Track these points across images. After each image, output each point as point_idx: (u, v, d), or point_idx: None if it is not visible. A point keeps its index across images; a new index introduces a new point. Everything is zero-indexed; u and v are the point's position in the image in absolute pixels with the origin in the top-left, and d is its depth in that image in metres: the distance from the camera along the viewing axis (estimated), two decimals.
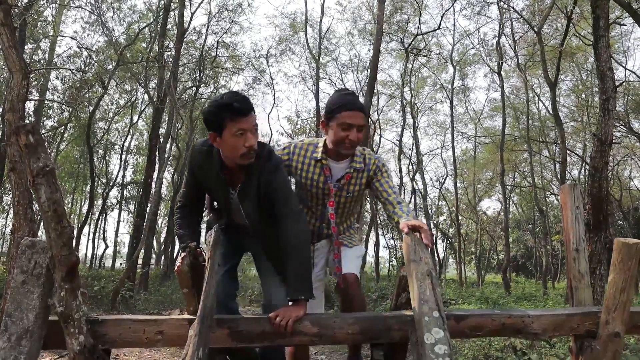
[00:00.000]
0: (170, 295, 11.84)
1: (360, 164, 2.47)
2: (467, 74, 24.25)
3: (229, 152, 2.08)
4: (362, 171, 2.48)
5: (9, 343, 1.69)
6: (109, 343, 1.86)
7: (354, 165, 2.46)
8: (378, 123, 22.65)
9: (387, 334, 1.93)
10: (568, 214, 2.24)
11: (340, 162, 2.48)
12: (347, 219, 2.62)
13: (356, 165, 2.46)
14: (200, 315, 1.68)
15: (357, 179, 2.48)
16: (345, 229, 2.61)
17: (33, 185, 1.67)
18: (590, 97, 19.62)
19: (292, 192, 2.22)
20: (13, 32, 4.88)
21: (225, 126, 2.01)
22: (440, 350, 1.62)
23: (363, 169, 2.48)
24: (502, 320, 1.97)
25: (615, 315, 1.95)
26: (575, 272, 2.18)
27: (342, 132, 2.33)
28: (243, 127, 2.02)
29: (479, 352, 4.97)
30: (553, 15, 15.67)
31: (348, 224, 2.64)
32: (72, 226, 1.77)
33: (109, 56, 17.53)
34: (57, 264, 1.71)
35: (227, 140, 2.04)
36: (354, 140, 2.35)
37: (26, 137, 1.62)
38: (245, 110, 2.03)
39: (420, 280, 1.82)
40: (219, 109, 2.02)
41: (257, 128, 2.10)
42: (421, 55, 19.98)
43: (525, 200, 27.91)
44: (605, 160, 6.05)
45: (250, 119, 2.05)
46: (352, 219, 2.68)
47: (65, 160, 23.13)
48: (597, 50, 5.99)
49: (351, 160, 2.47)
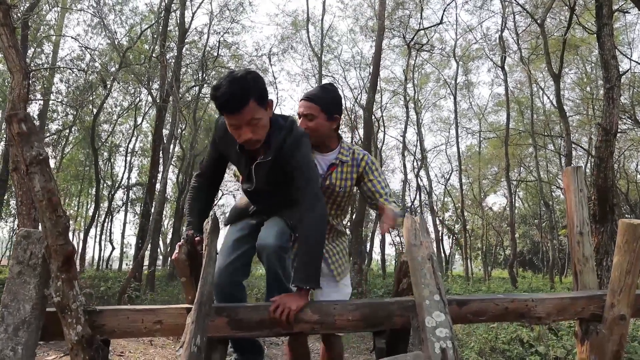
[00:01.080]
0: (177, 295, 11.86)
1: (347, 157, 2.44)
2: (471, 69, 24.18)
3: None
4: (348, 165, 2.43)
5: (6, 334, 1.68)
6: (107, 333, 1.84)
7: (340, 157, 2.42)
8: (382, 120, 22.61)
9: (389, 321, 1.90)
10: (571, 197, 2.21)
11: (326, 154, 2.45)
12: (334, 217, 2.52)
13: (342, 157, 2.42)
14: (197, 302, 1.66)
15: (345, 173, 2.43)
16: (333, 237, 2.51)
17: (27, 174, 1.65)
18: (595, 90, 19.51)
19: (313, 172, 2.04)
20: (13, 32, 4.88)
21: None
22: (441, 334, 1.60)
23: (349, 162, 2.44)
24: (506, 305, 1.94)
25: (620, 298, 1.92)
26: (580, 255, 2.15)
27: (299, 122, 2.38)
28: (232, 122, 1.92)
29: (485, 345, 4.94)
30: (556, 7, 15.56)
31: (337, 221, 2.54)
32: (68, 215, 1.75)
33: (112, 58, 17.59)
34: (53, 253, 1.69)
35: (229, 127, 1.98)
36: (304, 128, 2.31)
37: (18, 126, 1.60)
38: (228, 110, 1.89)
39: (420, 264, 1.79)
40: (211, 99, 1.95)
41: (258, 119, 1.92)
42: (424, 50, 19.91)
43: (531, 194, 27.79)
44: (611, 150, 6.00)
45: (240, 116, 1.88)
46: (339, 220, 2.57)
47: (70, 163, 23.24)
48: (600, 38, 5.95)
49: (338, 152, 2.45)
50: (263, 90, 1.94)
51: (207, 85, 17.00)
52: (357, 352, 5.71)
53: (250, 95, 1.88)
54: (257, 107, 1.91)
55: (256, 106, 1.91)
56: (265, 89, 1.96)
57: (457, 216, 26.11)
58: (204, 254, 1.83)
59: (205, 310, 1.69)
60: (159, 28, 14.21)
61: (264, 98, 1.95)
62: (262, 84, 1.94)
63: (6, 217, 22.39)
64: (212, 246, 1.86)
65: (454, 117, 22.06)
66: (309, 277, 1.91)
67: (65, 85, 17.70)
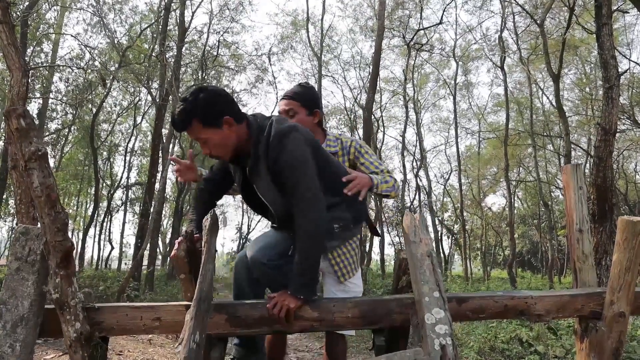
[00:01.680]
0: (176, 294, 11.85)
1: (334, 147, 2.46)
2: (470, 70, 24.21)
3: None
4: (338, 155, 2.45)
5: (4, 331, 1.68)
6: (106, 330, 1.84)
7: (328, 150, 2.40)
8: (381, 120, 22.61)
9: (388, 318, 1.89)
10: (571, 195, 2.20)
11: None
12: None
13: (330, 150, 2.43)
14: (197, 299, 1.65)
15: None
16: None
17: (25, 170, 1.65)
18: (594, 91, 19.52)
19: (301, 171, 1.89)
20: (12, 29, 4.87)
21: None
22: (441, 330, 1.59)
23: (339, 152, 2.46)
24: (505, 302, 1.93)
25: (620, 295, 1.91)
26: (579, 253, 2.14)
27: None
28: (191, 137, 2.01)
29: (484, 345, 4.94)
30: (556, 8, 15.57)
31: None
32: (67, 212, 1.74)
33: (112, 57, 17.59)
34: (51, 250, 1.69)
35: None
36: None
37: (17, 121, 1.60)
38: (176, 129, 1.99)
39: (420, 261, 1.79)
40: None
41: (204, 139, 1.92)
42: (423, 50, 19.93)
43: (530, 195, 27.79)
44: (610, 150, 6.00)
45: (190, 134, 1.94)
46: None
47: (69, 163, 23.22)
48: (599, 38, 5.94)
49: (325, 146, 2.44)
50: (210, 110, 1.90)
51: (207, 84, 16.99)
52: (356, 352, 5.71)
53: (192, 117, 1.88)
54: (201, 127, 1.90)
55: (200, 127, 1.90)
56: (214, 110, 1.90)
57: (456, 216, 26.12)
58: (203, 250, 1.83)
59: (204, 307, 1.69)
60: (159, 27, 14.21)
61: (212, 117, 1.90)
62: (212, 104, 1.90)
63: (5, 217, 22.34)
64: (211, 243, 1.85)
65: (454, 117, 22.07)
66: (301, 288, 1.86)
67: (64, 84, 17.69)
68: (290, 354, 5.58)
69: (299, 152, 1.91)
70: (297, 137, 1.93)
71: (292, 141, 1.91)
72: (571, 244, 2.20)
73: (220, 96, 1.94)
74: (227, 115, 1.92)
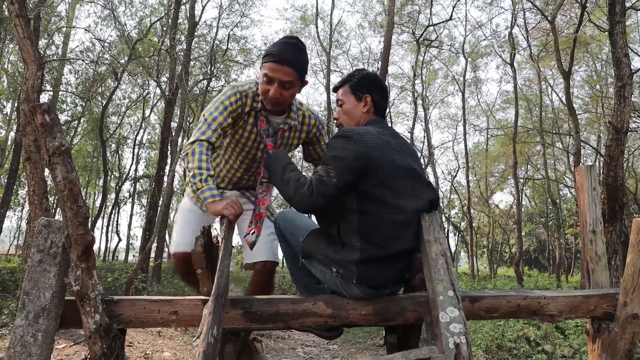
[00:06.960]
0: (183, 287, 11.91)
1: (295, 120, 2.25)
2: (479, 66, 24.08)
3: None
4: (296, 129, 2.28)
5: (27, 320, 1.72)
6: (124, 323, 1.87)
7: (288, 122, 2.23)
8: (389, 116, 22.55)
9: (402, 315, 1.91)
10: (584, 196, 2.21)
11: (278, 117, 2.22)
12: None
13: (290, 122, 2.24)
14: (215, 294, 1.68)
15: (290, 138, 2.29)
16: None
17: (49, 164, 1.68)
18: (604, 88, 19.34)
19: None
20: (27, 23, 4.91)
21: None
22: (455, 329, 1.61)
23: (298, 127, 2.28)
24: (518, 302, 1.95)
25: (633, 297, 1.92)
26: (592, 253, 2.15)
27: (264, 84, 2.05)
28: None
29: (492, 343, 4.95)
30: (567, 4, 15.44)
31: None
32: (87, 206, 1.78)
33: (122, 50, 17.65)
34: (73, 243, 1.72)
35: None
36: (274, 97, 2.04)
37: (42, 117, 1.62)
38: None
39: (434, 260, 1.80)
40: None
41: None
42: (433, 46, 19.83)
43: (538, 193, 27.68)
44: (621, 149, 5.96)
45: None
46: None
47: (78, 154, 23.38)
48: (612, 36, 5.89)
49: (287, 116, 2.23)
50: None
51: (216, 78, 17.03)
52: (363, 348, 5.74)
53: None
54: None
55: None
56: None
57: (463, 213, 26.06)
58: (220, 246, 1.85)
59: (221, 302, 1.71)
60: (169, 20, 14.25)
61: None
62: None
63: (14, 207, 22.56)
64: (229, 239, 1.88)
65: (462, 114, 21.97)
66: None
67: (74, 76, 17.80)
68: (298, 348, 5.62)
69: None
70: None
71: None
72: (584, 244, 2.20)
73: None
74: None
